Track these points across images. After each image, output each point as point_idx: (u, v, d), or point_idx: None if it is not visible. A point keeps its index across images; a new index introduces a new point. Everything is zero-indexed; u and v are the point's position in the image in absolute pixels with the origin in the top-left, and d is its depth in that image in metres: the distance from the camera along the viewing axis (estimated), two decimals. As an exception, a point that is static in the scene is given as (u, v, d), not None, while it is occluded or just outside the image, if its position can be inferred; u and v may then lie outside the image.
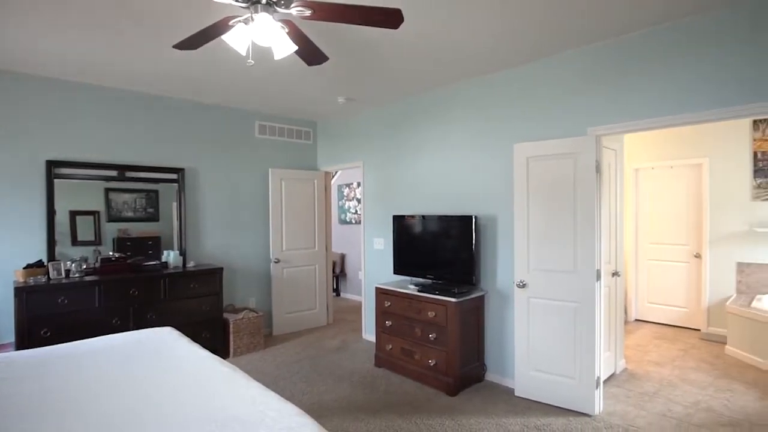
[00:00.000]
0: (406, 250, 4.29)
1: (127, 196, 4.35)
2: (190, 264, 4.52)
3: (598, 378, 3.20)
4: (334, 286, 7.59)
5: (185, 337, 2.82)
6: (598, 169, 3.14)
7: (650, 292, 5.77)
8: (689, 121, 2.80)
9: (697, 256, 5.33)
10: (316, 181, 5.63)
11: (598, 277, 3.16)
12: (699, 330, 5.26)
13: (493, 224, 3.84)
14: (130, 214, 4.37)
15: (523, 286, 3.44)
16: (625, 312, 5.81)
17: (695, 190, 5.35)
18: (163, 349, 2.54)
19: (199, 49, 3.21)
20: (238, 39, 2.16)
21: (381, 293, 4.15)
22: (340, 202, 7.66)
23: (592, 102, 3.23)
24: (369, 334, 4.98)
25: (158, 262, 4.34)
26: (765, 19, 2.52)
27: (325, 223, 5.72)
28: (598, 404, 3.22)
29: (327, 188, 5.80)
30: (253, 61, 2.29)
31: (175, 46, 2.49)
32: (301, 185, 5.50)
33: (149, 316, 3.96)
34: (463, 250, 3.78)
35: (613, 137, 3.77)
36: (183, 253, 4.56)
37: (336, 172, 7.64)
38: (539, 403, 3.40)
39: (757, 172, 4.85)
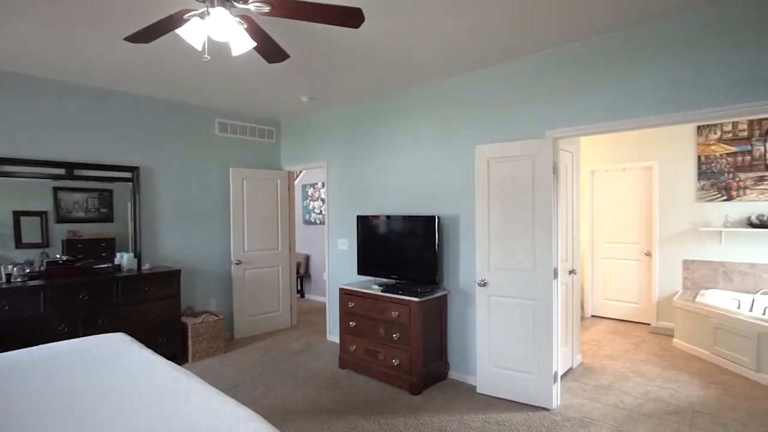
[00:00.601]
0: (370, 251, 4.28)
1: (78, 196, 4.12)
2: (146, 266, 4.34)
3: (556, 373, 3.30)
4: (299, 288, 7.50)
5: (137, 342, 2.70)
6: (555, 170, 3.24)
7: (605, 289, 6.02)
8: (639, 125, 2.94)
9: (648, 254, 5.61)
10: (279, 181, 5.54)
11: (556, 276, 3.26)
12: (649, 324, 5.53)
13: (455, 224, 3.89)
14: (81, 214, 4.14)
15: (485, 284, 3.51)
16: (582, 308, 6.04)
17: (646, 191, 5.63)
18: (111, 356, 2.41)
19: (154, 43, 3.09)
20: (194, 34, 2.09)
21: (345, 294, 4.13)
22: (305, 203, 7.57)
23: (550, 106, 3.33)
24: (333, 335, 4.94)
25: (111, 264, 4.14)
26: (700, 34, 2.68)
27: (288, 223, 5.64)
28: (556, 398, 3.32)
29: (291, 188, 5.72)
30: (209, 57, 2.22)
31: (126, 39, 2.38)
32: (264, 185, 5.40)
33: (101, 322, 3.77)
34: (427, 250, 3.82)
35: (570, 140, 3.90)
36: (138, 255, 4.37)
37: (300, 172, 7.54)
38: (500, 399, 3.47)
39: (701, 175, 5.15)
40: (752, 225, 4.72)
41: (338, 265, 4.97)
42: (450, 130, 3.94)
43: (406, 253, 4.00)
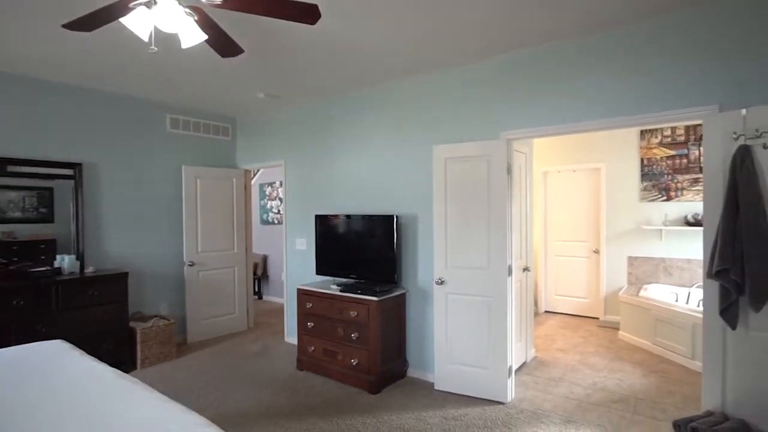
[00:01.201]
0: (328, 251, 4.24)
1: (13, 194, 3.83)
2: (89, 269, 4.09)
3: (510, 367, 3.39)
4: (256, 289, 7.32)
5: (78, 350, 2.54)
6: (509, 170, 3.34)
7: (557, 286, 6.27)
8: (588, 128, 3.08)
9: (596, 251, 5.89)
10: (235, 180, 5.38)
11: (510, 273, 3.36)
12: (598, 318, 5.80)
13: (414, 224, 3.93)
14: (17, 214, 3.85)
15: (442, 283, 3.56)
16: (536, 304, 6.25)
17: (594, 191, 5.91)
18: (48, 365, 2.25)
19: (97, 33, 2.92)
20: (139, 23, 1.99)
21: (303, 294, 4.07)
22: (262, 202, 7.40)
23: (504, 108, 3.42)
24: (291, 336, 4.86)
25: (50, 268, 3.87)
26: (643, 43, 2.84)
27: (245, 223, 5.49)
28: (511, 392, 3.42)
29: (247, 187, 5.57)
30: (156, 49, 2.12)
31: (65, 26, 2.23)
32: (219, 184, 5.23)
33: (38, 329, 3.52)
34: (385, 249, 3.82)
35: (524, 141, 4.03)
36: (81, 257, 4.11)
37: (257, 171, 7.37)
38: (457, 394, 3.53)
39: (644, 176, 5.47)
40: (688, 223, 5.05)
41: (296, 266, 4.89)
42: (409, 129, 3.97)
43: (364, 252, 3.99)
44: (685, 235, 5.13)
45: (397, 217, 3.79)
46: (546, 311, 6.32)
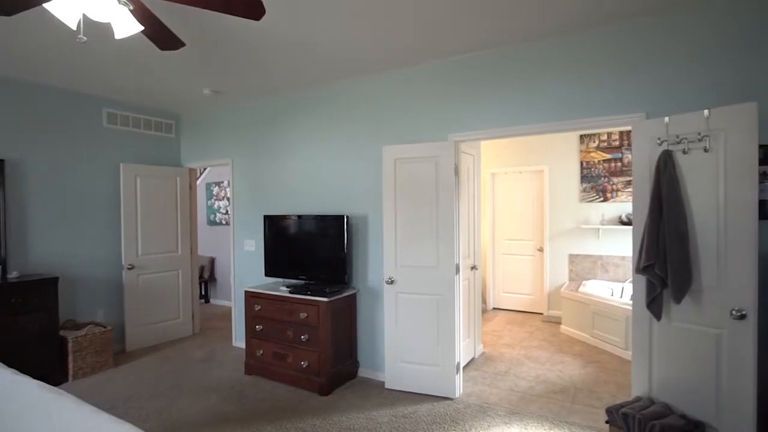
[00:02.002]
0: (277, 252, 4.16)
1: None
2: (13, 274, 3.76)
3: (458, 363, 3.47)
4: (202, 293, 7.04)
5: (-2, 362, 2.33)
6: (456, 171, 3.42)
7: (505, 283, 6.49)
8: (532, 131, 3.21)
9: (540, 249, 6.16)
10: (179, 179, 5.15)
11: (458, 271, 3.44)
12: (542, 313, 6.08)
13: (364, 224, 3.93)
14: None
15: (392, 282, 3.58)
16: (485, 301, 6.45)
17: (538, 192, 6.18)
18: (-39, 379, 2.05)
19: (20, 17, 2.70)
20: (67, 10, 1.85)
21: (251, 296, 3.96)
22: (209, 202, 7.13)
23: (453, 110, 3.50)
24: (239, 341, 4.72)
25: (-34, 273, 3.53)
26: (583, 52, 3.00)
27: (189, 224, 5.27)
28: (459, 387, 3.50)
29: (192, 186, 5.35)
30: (85, 38, 1.97)
31: (-21, 9, 2.04)
32: (161, 183, 4.98)
33: (-49, 341, 3.20)
34: (336, 249, 3.80)
35: (471, 143, 4.14)
36: (3, 261, 3.78)
37: (204, 170, 7.10)
38: (408, 392, 3.57)
39: (583, 178, 5.78)
40: (622, 223, 5.40)
41: (245, 267, 4.75)
42: (359, 130, 3.97)
43: (315, 253, 3.94)
44: (620, 234, 5.48)
45: (347, 217, 3.78)
46: (494, 308, 6.54)
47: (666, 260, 2.46)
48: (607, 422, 2.61)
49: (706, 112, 2.39)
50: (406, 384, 3.58)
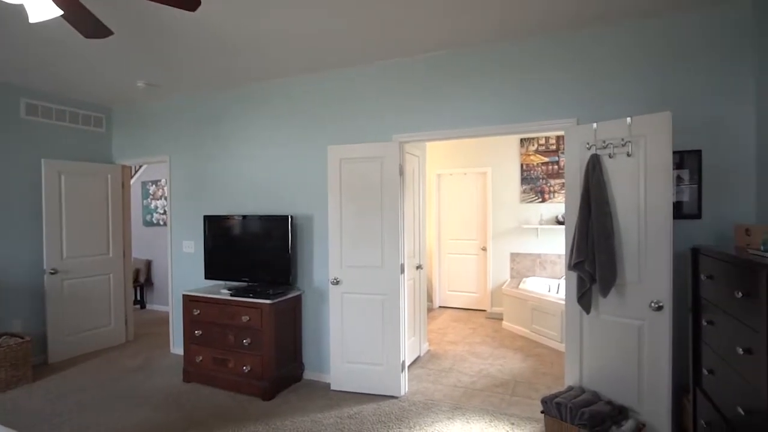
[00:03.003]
0: (219, 253, 4.00)
1: None
2: None
3: (403, 362, 3.51)
4: (138, 297, 6.64)
5: None
6: (401, 172, 3.45)
7: (450, 282, 6.65)
8: (474, 134, 3.31)
9: (484, 249, 6.36)
10: (110, 177, 4.82)
11: (402, 271, 3.47)
12: (485, 310, 6.28)
13: (309, 224, 3.88)
14: None
15: (337, 283, 3.56)
16: (431, 300, 6.57)
17: (482, 193, 6.38)
18: None
19: None
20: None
21: (189, 300, 3.78)
22: (145, 201, 6.73)
23: (398, 111, 3.53)
24: (178, 347, 4.49)
25: None
26: (523, 59, 3.14)
27: (122, 224, 4.94)
28: (404, 386, 3.53)
29: (125, 185, 5.02)
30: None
31: None
32: (90, 181, 4.64)
33: None
34: (280, 250, 3.72)
35: (416, 144, 4.21)
36: None
37: (139, 167, 6.70)
38: (354, 393, 3.56)
39: (523, 180, 6.05)
40: (559, 222, 5.70)
41: (183, 270, 4.53)
42: (305, 129, 3.90)
43: (258, 254, 3.83)
44: (557, 233, 5.78)
45: (292, 217, 3.71)
46: (440, 306, 6.67)
47: (594, 257, 2.63)
48: (542, 412, 2.74)
49: (628, 119, 2.57)
50: (351, 384, 3.56)
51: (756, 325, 1.49)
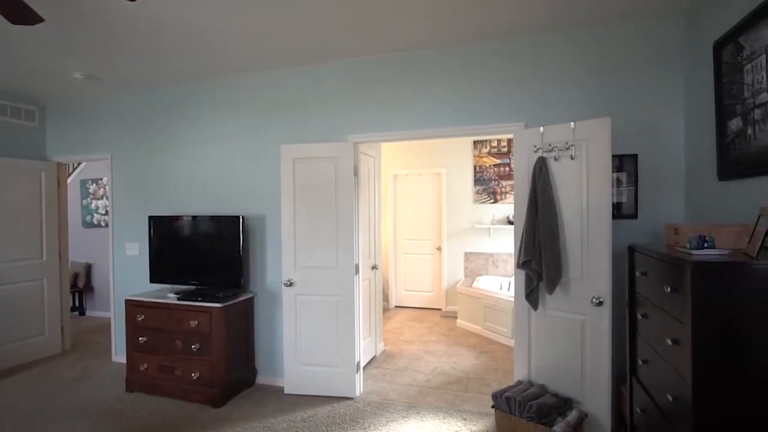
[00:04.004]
0: (165, 255, 3.82)
1: None
2: None
3: (359, 363, 3.50)
4: (76, 304, 6.23)
5: None
6: (356, 172, 3.44)
7: (406, 281, 6.71)
8: (427, 135, 3.35)
9: (439, 248, 6.47)
10: (43, 174, 4.49)
11: (357, 271, 3.47)
12: (441, 309, 6.39)
13: (262, 224, 3.78)
14: None
15: (291, 284, 3.49)
16: (387, 300, 6.60)
17: (437, 194, 6.49)
18: None
19: None
20: None
21: (133, 306, 3.59)
22: (85, 201, 6.32)
23: (352, 111, 3.52)
24: (120, 355, 4.24)
25: None
26: (476, 63, 3.21)
27: (58, 226, 4.61)
28: (359, 386, 3.52)
29: (61, 183, 4.69)
30: None
31: None
32: (19, 178, 4.29)
33: None
34: (230, 252, 3.61)
35: (372, 145, 4.21)
36: None
37: (77, 165, 6.29)
38: (308, 396, 3.51)
39: (477, 181, 6.20)
40: (510, 222, 5.89)
41: (127, 274, 4.29)
42: (258, 127, 3.81)
43: (207, 256, 3.69)
44: (508, 233, 5.97)
45: (243, 217, 3.60)
46: (396, 306, 6.72)
47: (541, 256, 2.73)
48: (493, 407, 2.82)
49: (572, 124, 2.70)
50: (306, 387, 3.51)
51: (682, 318, 1.60)
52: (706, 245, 1.73)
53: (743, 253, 1.67)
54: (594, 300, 2.62)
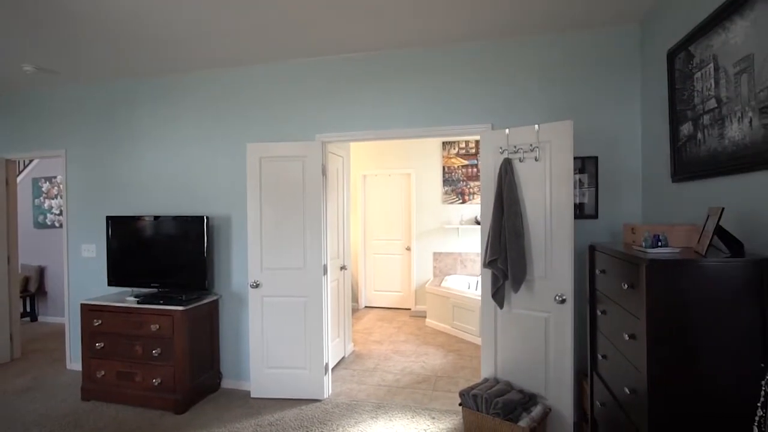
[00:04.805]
0: (124, 257, 3.67)
1: None
2: None
3: (327, 364, 3.47)
4: (27, 309, 5.89)
5: None
6: (324, 172, 3.41)
7: (376, 281, 6.71)
8: (396, 135, 3.36)
9: (408, 248, 6.50)
10: (-9, 172, 4.23)
11: (325, 272, 3.43)
12: (410, 309, 6.42)
13: (227, 225, 3.69)
14: None
15: (257, 286, 3.42)
16: (356, 301, 6.58)
17: (406, 194, 6.52)
18: None
19: None
20: None
21: (89, 310, 3.43)
22: (37, 201, 5.99)
23: (320, 110, 3.48)
24: (75, 362, 4.05)
25: None
26: (445, 65, 3.24)
27: (7, 226, 4.35)
28: (327, 388, 3.49)
29: (10, 182, 4.42)
30: None
31: None
32: (-36, 176, 4.03)
33: None
34: (194, 253, 3.50)
35: (341, 145, 4.18)
36: None
37: (28, 162, 5.95)
38: (275, 399, 3.45)
39: (445, 182, 6.27)
40: (477, 222, 5.99)
41: (83, 277, 4.09)
42: (223, 125, 3.71)
43: (170, 257, 3.57)
44: (476, 233, 6.06)
45: (207, 218, 3.50)
46: (366, 306, 6.71)
47: (507, 255, 2.79)
48: (460, 404, 2.85)
49: (536, 126, 2.76)
50: (273, 390, 3.45)
51: (638, 314, 1.67)
52: (660, 244, 1.80)
53: (694, 251, 1.76)
54: (557, 298, 2.70)
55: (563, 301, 2.69)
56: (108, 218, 3.70)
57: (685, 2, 2.28)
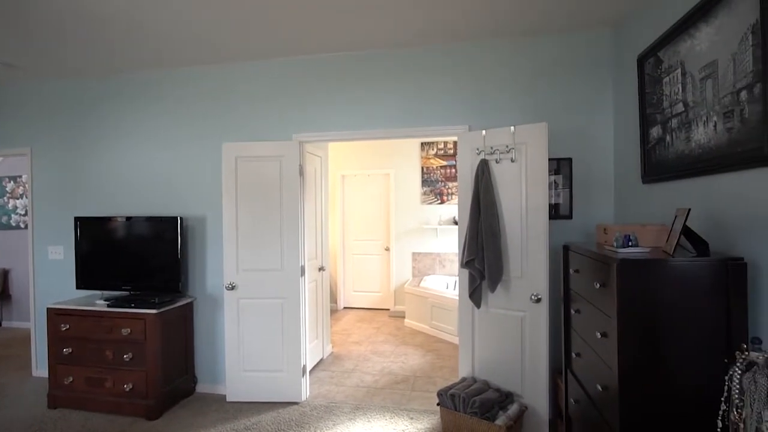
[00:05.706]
0: (94, 259, 3.55)
1: None
2: None
3: (305, 366, 3.43)
4: (-8, 314, 5.65)
5: None
6: (301, 172, 3.38)
7: (355, 282, 6.69)
8: (375, 136, 3.35)
9: (387, 249, 6.51)
10: (-50, 171, 4.03)
11: (303, 273, 3.40)
12: (389, 309, 6.42)
13: (202, 226, 3.62)
14: None
15: (233, 288, 3.36)
16: (335, 301, 6.55)
17: (385, 195, 6.52)
18: None
19: None
20: None
21: (56, 314, 3.30)
22: (1, 201, 5.74)
23: (297, 110, 3.45)
24: (42, 369, 3.89)
25: None
26: (424, 66, 3.25)
27: (-32, 228, 4.16)
28: (305, 390, 3.46)
29: (-28, 181, 4.24)
30: None
31: None
32: None
33: None
34: (167, 254, 3.41)
35: (319, 144, 4.15)
36: None
37: (-7, 161, 5.71)
38: (252, 403, 3.39)
39: (424, 182, 6.30)
40: (456, 223, 6.03)
41: (50, 280, 3.94)
42: (198, 124, 3.63)
43: (142, 259, 3.47)
44: (454, 233, 6.11)
45: (181, 218, 3.42)
46: (345, 307, 6.68)
47: (484, 255, 2.81)
48: (438, 404, 2.86)
49: (512, 128, 2.80)
50: (249, 394, 3.39)
51: (610, 312, 1.70)
52: (630, 244, 1.85)
53: (662, 251, 1.81)
54: (533, 297, 2.74)
55: (539, 301, 2.73)
56: (76, 219, 3.58)
57: (655, 9, 2.34)
